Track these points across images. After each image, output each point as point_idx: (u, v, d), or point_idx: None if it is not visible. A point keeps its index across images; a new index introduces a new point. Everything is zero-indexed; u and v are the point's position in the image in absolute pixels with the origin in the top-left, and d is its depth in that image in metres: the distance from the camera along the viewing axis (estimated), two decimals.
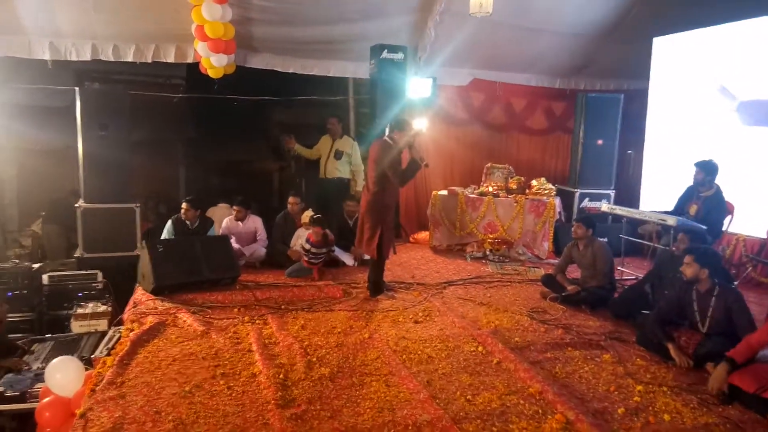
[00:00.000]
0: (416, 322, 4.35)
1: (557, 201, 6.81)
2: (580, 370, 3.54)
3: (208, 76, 6.20)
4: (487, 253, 6.56)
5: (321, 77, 7.24)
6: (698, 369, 3.56)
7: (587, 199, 7.30)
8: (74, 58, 6.06)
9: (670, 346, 3.68)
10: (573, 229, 5.03)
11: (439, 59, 7.20)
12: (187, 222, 5.68)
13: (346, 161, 6.79)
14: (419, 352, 3.72)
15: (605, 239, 5.87)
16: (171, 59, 6.36)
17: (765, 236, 4.54)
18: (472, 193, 6.99)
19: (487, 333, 4.03)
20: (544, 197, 6.76)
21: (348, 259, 5.99)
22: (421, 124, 7.02)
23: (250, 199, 6.47)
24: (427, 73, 7.19)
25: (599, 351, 3.86)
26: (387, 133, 4.87)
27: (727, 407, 3.10)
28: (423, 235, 7.35)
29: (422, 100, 7.06)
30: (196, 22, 5.61)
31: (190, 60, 6.38)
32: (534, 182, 7.08)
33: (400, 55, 6.51)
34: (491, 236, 6.68)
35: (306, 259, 5.43)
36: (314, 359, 3.55)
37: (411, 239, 7.46)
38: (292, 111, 8.74)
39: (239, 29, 6.00)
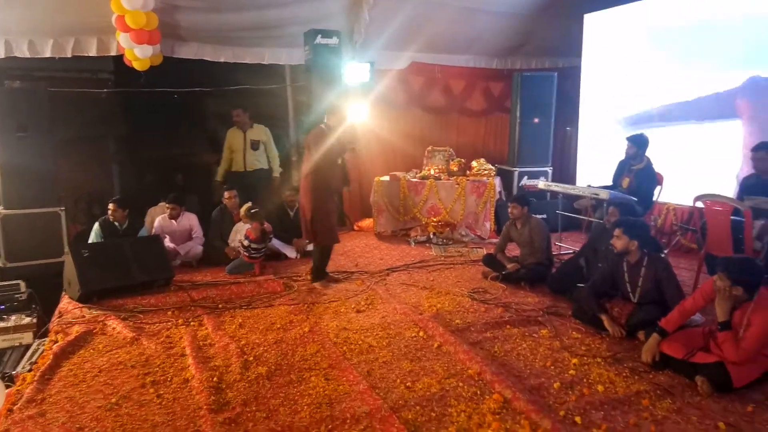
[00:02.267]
0: (358, 311, 4.31)
1: (497, 181, 6.88)
2: (518, 347, 3.58)
3: (135, 69, 5.92)
4: (431, 236, 6.58)
5: (257, 65, 7.01)
6: (631, 338, 3.66)
7: (526, 177, 7.42)
8: None
9: (603, 318, 3.77)
10: (509, 209, 5.08)
11: (375, 43, 7.09)
12: (116, 223, 5.43)
13: (263, 150, 6.58)
14: (360, 342, 3.67)
15: (544, 215, 5.98)
16: (93, 53, 6.06)
17: (692, 204, 4.70)
18: (414, 177, 6.97)
19: (429, 317, 4.03)
20: (485, 178, 6.81)
21: (290, 252, 5.88)
22: (359, 110, 6.94)
23: (188, 194, 6.21)
24: (364, 57, 7.08)
25: (537, 327, 3.92)
26: (325, 120, 4.83)
27: (658, 374, 3.19)
28: (367, 222, 7.30)
29: (361, 85, 6.97)
30: (117, 12, 5.32)
31: (113, 53, 6.09)
32: (474, 163, 7.12)
33: (334, 40, 6.38)
34: (434, 219, 6.69)
35: (246, 255, 5.29)
36: (251, 358, 3.45)
37: (355, 227, 7.40)
38: (227, 101, 8.43)
39: (164, 18, 5.71)
